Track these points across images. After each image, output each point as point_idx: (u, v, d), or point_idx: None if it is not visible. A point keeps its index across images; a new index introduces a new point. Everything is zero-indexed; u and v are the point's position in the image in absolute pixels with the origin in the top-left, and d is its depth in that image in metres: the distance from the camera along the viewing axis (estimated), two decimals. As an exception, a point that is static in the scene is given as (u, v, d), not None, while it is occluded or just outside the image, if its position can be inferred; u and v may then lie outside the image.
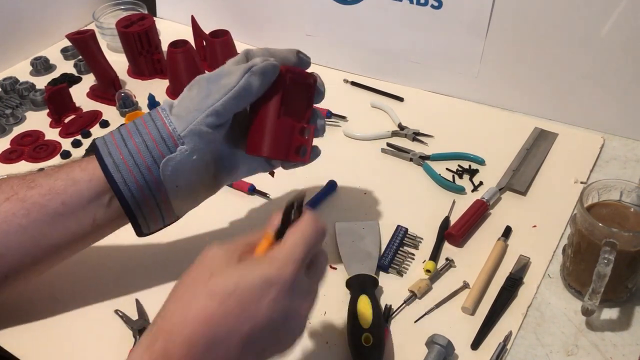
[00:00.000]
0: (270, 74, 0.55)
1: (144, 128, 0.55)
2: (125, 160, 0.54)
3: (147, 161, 0.54)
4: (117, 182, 0.54)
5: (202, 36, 0.99)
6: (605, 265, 0.54)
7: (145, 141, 0.54)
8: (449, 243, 0.69)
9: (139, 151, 0.54)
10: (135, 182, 0.54)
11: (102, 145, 0.55)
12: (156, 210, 0.57)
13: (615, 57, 0.78)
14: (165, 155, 0.54)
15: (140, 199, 0.55)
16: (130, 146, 0.54)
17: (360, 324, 0.57)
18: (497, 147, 0.81)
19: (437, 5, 0.86)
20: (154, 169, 0.54)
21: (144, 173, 0.54)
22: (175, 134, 0.54)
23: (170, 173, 0.54)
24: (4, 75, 1.02)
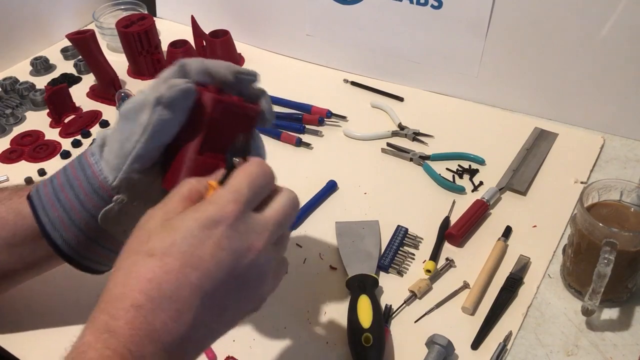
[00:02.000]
0: (182, 101, 0.46)
1: (74, 179, 0.51)
2: (61, 219, 0.51)
3: (82, 216, 0.50)
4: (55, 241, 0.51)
5: (202, 36, 0.99)
6: (605, 265, 0.54)
7: (77, 194, 0.50)
8: (449, 243, 0.69)
9: (73, 207, 0.50)
10: (74, 239, 0.51)
11: (37, 199, 0.52)
12: (106, 251, 0.53)
13: (615, 57, 0.78)
14: (100, 207, 0.50)
15: (85, 251, 0.52)
16: (64, 201, 0.50)
17: (360, 324, 0.57)
18: (497, 147, 0.81)
19: (437, 5, 0.86)
20: (92, 222, 0.50)
21: (82, 228, 0.51)
22: (107, 184, 0.49)
23: (112, 223, 0.51)
24: (4, 75, 1.02)
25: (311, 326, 0.61)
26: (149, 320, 0.36)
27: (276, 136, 0.85)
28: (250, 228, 0.40)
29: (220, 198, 0.39)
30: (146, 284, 0.37)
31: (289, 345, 0.59)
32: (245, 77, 0.50)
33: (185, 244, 0.37)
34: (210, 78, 0.49)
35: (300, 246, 0.69)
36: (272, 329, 0.60)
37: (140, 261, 0.38)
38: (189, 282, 0.37)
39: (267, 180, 0.42)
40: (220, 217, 0.38)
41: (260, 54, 1.05)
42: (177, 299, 0.37)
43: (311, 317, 0.61)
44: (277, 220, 0.42)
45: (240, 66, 0.50)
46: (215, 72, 0.49)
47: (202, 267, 0.37)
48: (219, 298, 0.38)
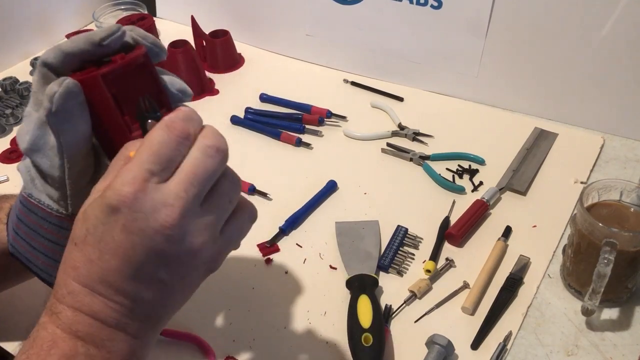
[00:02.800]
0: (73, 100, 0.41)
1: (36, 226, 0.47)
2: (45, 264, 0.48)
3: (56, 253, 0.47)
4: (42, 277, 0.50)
5: (202, 36, 0.99)
6: (605, 265, 0.54)
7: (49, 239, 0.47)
8: (449, 243, 0.69)
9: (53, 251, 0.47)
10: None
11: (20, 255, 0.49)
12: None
13: (615, 57, 0.78)
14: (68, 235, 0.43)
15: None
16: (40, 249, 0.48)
17: (360, 324, 0.57)
18: (497, 147, 0.81)
19: (437, 5, 0.86)
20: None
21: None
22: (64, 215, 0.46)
23: None
24: (4, 75, 1.02)
25: (311, 326, 0.61)
26: (86, 303, 0.38)
27: (276, 136, 0.85)
28: (159, 202, 0.36)
29: (117, 180, 0.36)
30: (73, 272, 0.38)
31: (289, 345, 0.59)
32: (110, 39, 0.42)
33: (98, 233, 0.37)
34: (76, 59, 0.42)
35: (300, 246, 0.69)
36: (272, 329, 0.60)
37: (68, 249, 0.39)
38: (111, 267, 0.37)
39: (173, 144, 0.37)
40: (118, 201, 0.36)
41: (260, 54, 1.05)
42: (107, 284, 0.38)
43: (311, 317, 0.61)
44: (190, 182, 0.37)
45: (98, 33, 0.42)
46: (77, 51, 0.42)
47: (120, 252, 0.37)
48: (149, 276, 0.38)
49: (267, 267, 0.67)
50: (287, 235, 0.71)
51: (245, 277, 0.66)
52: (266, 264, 0.67)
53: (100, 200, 0.37)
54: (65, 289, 0.38)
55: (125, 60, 0.43)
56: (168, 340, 0.59)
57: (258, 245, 0.69)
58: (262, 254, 0.68)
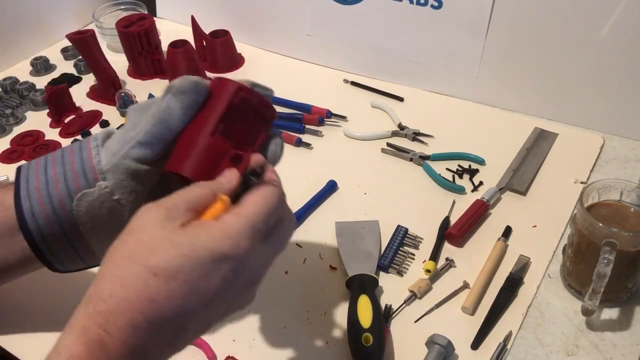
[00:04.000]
0: (191, 91, 0.46)
1: (69, 157, 0.49)
2: (38, 189, 0.48)
3: (61, 193, 0.48)
4: (23, 211, 0.48)
5: (202, 36, 0.99)
6: (605, 265, 0.54)
7: (65, 172, 0.48)
8: (449, 243, 0.69)
9: (56, 181, 0.48)
10: (44, 214, 0.48)
11: (25, 170, 0.50)
12: (69, 248, 0.50)
13: (615, 57, 0.78)
14: (82, 189, 0.47)
15: (48, 233, 0.49)
16: (49, 175, 0.48)
17: (360, 324, 0.57)
18: (497, 147, 0.81)
19: (437, 5, 0.86)
20: (67, 202, 0.48)
21: (55, 206, 0.48)
22: (98, 168, 0.47)
23: (85, 211, 0.48)
24: (4, 75, 1.03)
25: (311, 326, 0.61)
26: (144, 342, 0.36)
27: (276, 136, 0.85)
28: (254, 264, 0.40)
29: (236, 232, 0.38)
30: (147, 305, 0.36)
31: (289, 345, 0.59)
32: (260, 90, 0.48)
33: (194, 274, 0.36)
34: None
35: (300, 246, 0.69)
36: (272, 329, 0.60)
37: (143, 277, 0.36)
38: (190, 309, 0.37)
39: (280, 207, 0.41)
40: (234, 254, 0.37)
41: (260, 54, 1.05)
42: (175, 324, 0.37)
43: (311, 317, 0.61)
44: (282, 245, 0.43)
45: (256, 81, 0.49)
46: None
47: (205, 297, 0.37)
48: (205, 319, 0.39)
49: (267, 267, 0.67)
50: (287, 235, 0.71)
51: (245, 277, 0.66)
52: (266, 264, 0.67)
53: (210, 245, 0.37)
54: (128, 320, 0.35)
55: (262, 99, 0.48)
56: (168, 340, 0.59)
57: (258, 245, 0.69)
58: (262, 254, 0.68)
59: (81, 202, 0.48)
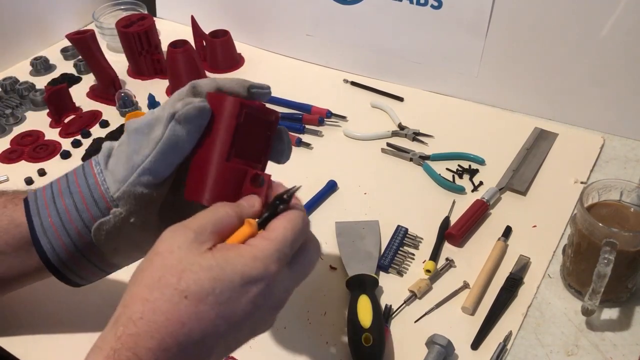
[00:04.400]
0: (196, 119, 0.45)
1: (75, 187, 0.49)
2: (53, 224, 0.49)
3: (77, 226, 0.48)
4: (43, 247, 0.49)
5: (202, 36, 0.99)
6: (605, 265, 0.54)
7: (75, 202, 0.48)
8: (449, 243, 0.69)
9: (68, 213, 0.48)
10: (64, 248, 0.49)
11: (33, 202, 0.50)
12: (92, 267, 0.52)
13: (615, 57, 0.78)
14: (97, 219, 0.48)
15: (71, 264, 0.50)
16: (60, 207, 0.49)
17: (360, 324, 0.57)
18: (497, 147, 0.81)
19: (437, 5, 0.86)
20: (85, 233, 0.49)
21: (74, 239, 0.49)
22: (108, 196, 0.48)
23: (105, 238, 0.49)
24: (4, 75, 1.02)
25: (311, 326, 0.61)
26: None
27: (276, 136, 0.85)
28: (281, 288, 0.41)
29: (265, 255, 0.39)
30: (178, 328, 0.36)
31: (289, 345, 0.59)
32: (258, 91, 0.49)
33: (224, 297, 0.37)
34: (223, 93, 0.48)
35: (300, 246, 0.69)
36: (272, 329, 0.60)
37: (174, 300, 0.37)
38: (218, 332, 0.37)
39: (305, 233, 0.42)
40: (263, 277, 0.38)
41: (260, 54, 1.05)
42: (202, 346, 0.37)
43: (311, 317, 0.61)
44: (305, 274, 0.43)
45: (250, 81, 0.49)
46: (228, 88, 0.48)
47: (233, 320, 0.38)
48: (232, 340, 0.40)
49: (267, 267, 0.67)
50: (287, 235, 0.71)
51: (245, 277, 0.66)
52: (266, 264, 0.67)
53: (241, 268, 0.38)
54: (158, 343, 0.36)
55: (264, 108, 0.48)
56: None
57: (258, 245, 0.69)
58: (262, 254, 0.68)
59: (100, 231, 0.48)
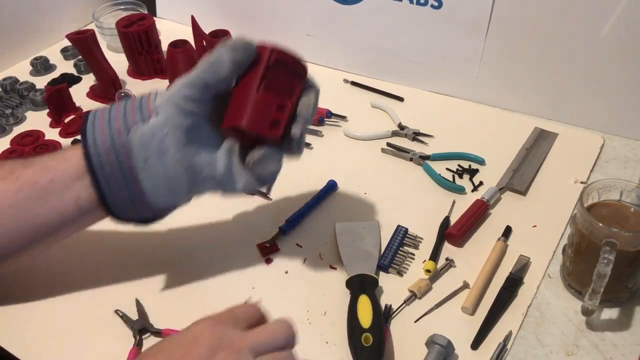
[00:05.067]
0: (242, 49, 0.54)
1: (131, 100, 0.57)
2: (102, 122, 0.55)
3: (120, 126, 0.54)
4: (87, 138, 0.55)
5: (202, 36, 0.99)
6: (605, 265, 0.54)
7: (125, 109, 0.56)
8: (449, 243, 0.69)
9: (117, 116, 0.55)
10: (103, 141, 0.54)
11: (94, 110, 0.57)
12: (123, 184, 0.55)
13: (615, 57, 0.78)
14: (137, 123, 0.54)
15: (106, 161, 0.54)
16: (112, 112, 0.56)
17: (360, 324, 0.57)
18: (497, 147, 0.81)
19: (437, 5, 0.86)
20: (124, 134, 0.54)
21: (114, 136, 0.54)
22: (152, 106, 0.55)
23: (138, 140, 0.54)
24: (4, 75, 1.02)
25: (311, 326, 0.61)
26: None
27: (276, 136, 0.85)
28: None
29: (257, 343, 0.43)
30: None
31: (289, 345, 0.59)
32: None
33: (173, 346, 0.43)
34: None
35: (300, 246, 0.69)
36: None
37: None
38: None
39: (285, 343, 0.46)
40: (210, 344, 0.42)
41: (260, 54, 1.05)
42: None
43: (311, 317, 0.61)
44: None
45: None
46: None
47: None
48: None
49: (267, 267, 0.67)
50: (287, 236, 0.71)
51: (245, 277, 0.66)
52: (266, 264, 0.67)
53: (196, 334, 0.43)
54: None
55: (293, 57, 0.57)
56: (168, 340, 0.60)
57: (258, 245, 0.69)
58: (262, 254, 0.68)
59: (136, 131, 0.54)
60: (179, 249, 0.69)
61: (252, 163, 0.56)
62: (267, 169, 0.57)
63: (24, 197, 0.55)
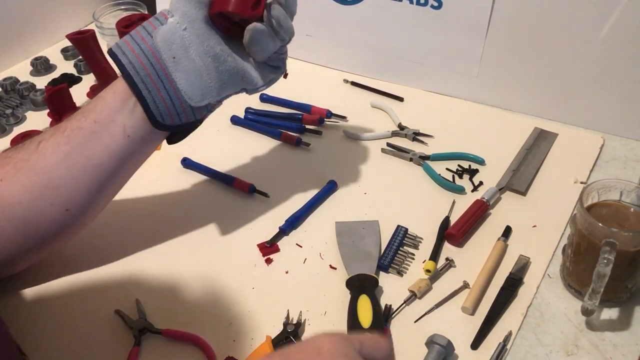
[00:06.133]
0: None
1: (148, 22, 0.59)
2: (127, 41, 0.58)
3: (143, 35, 0.58)
4: (117, 55, 0.58)
5: (202, 36, 0.99)
6: (605, 265, 0.54)
7: (144, 26, 0.59)
8: (449, 243, 0.69)
9: (138, 32, 0.58)
10: (132, 51, 0.57)
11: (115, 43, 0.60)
12: (159, 84, 0.57)
13: (615, 57, 0.78)
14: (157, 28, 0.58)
15: (140, 69, 0.57)
16: (133, 33, 0.59)
17: (360, 323, 0.57)
18: (497, 147, 0.81)
19: (437, 5, 0.86)
20: (149, 40, 0.57)
21: (140, 43, 0.57)
22: (166, 11, 0.58)
23: (162, 41, 0.57)
24: (4, 75, 1.02)
25: (311, 326, 0.61)
26: None
27: (276, 136, 0.85)
28: None
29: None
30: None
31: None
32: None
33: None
34: None
35: (300, 246, 0.69)
36: (272, 329, 0.60)
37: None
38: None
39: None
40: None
41: (260, 54, 1.05)
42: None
43: (311, 317, 0.61)
44: None
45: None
46: None
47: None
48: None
49: (267, 267, 0.67)
50: (287, 235, 0.71)
51: (245, 277, 0.66)
52: (266, 264, 0.67)
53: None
54: None
55: None
56: (169, 340, 0.59)
57: (258, 245, 0.69)
58: (262, 254, 0.68)
59: (157, 34, 0.57)
60: (179, 249, 0.69)
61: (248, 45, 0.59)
62: (264, 47, 0.60)
63: (74, 143, 0.58)
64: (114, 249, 0.69)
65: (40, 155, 0.58)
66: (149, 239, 0.70)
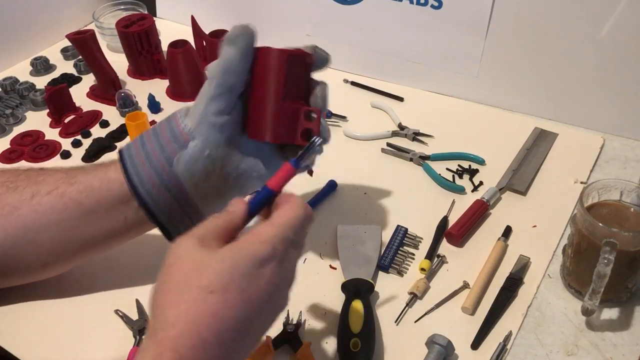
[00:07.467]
0: (241, 34, 0.53)
1: (160, 131, 0.56)
2: (142, 162, 0.55)
3: (161, 161, 0.54)
4: (134, 184, 0.55)
5: (202, 36, 0.99)
6: (605, 265, 0.54)
7: (160, 142, 0.55)
8: (449, 243, 0.69)
9: (154, 152, 0.55)
10: (151, 182, 0.55)
11: (126, 150, 0.57)
12: (177, 209, 0.56)
13: (615, 57, 0.78)
14: (177, 153, 0.54)
15: (158, 198, 0.55)
16: (148, 149, 0.55)
17: (350, 328, 0.57)
18: (497, 147, 0.81)
19: (437, 5, 0.86)
20: (167, 167, 0.54)
21: (159, 172, 0.54)
22: (186, 130, 0.54)
23: (184, 170, 0.54)
24: (4, 75, 1.02)
25: (311, 326, 0.61)
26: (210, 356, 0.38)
27: (276, 136, 0.85)
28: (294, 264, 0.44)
29: (271, 237, 0.42)
30: (212, 320, 0.38)
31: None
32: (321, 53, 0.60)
33: (244, 282, 0.40)
34: None
35: (300, 246, 0.69)
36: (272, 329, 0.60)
37: (201, 297, 0.39)
38: (247, 316, 0.40)
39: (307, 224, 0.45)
40: (273, 255, 0.41)
41: (260, 54, 1.05)
42: (236, 334, 0.39)
43: (310, 317, 0.61)
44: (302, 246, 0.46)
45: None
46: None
47: (257, 302, 0.40)
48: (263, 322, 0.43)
49: (267, 267, 0.67)
50: (287, 235, 0.71)
51: (245, 277, 0.66)
52: (266, 264, 0.67)
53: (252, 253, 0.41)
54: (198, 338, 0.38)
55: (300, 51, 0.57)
56: (168, 340, 0.59)
57: (258, 245, 0.69)
58: (262, 254, 0.68)
59: (179, 162, 0.54)
60: (179, 249, 0.69)
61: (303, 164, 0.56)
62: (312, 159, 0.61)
63: (70, 216, 0.56)
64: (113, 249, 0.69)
65: (32, 211, 0.56)
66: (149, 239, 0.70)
